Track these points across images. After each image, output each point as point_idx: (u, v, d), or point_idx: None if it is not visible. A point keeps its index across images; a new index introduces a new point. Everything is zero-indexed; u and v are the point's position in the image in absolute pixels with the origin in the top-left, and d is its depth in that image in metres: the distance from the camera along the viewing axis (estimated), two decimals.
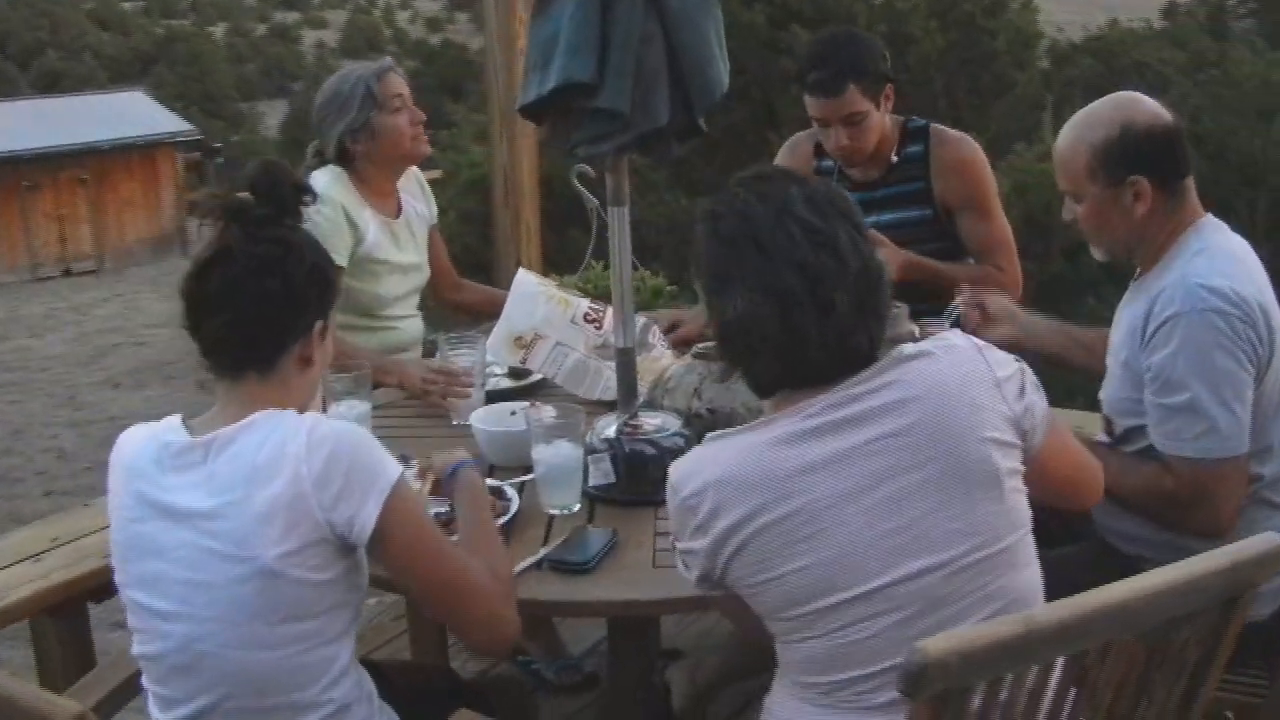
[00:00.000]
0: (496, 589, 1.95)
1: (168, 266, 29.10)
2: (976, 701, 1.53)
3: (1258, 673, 2.41)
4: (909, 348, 1.80)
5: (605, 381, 2.96)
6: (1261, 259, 2.44)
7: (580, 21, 2.38)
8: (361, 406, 2.74)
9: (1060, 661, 1.61)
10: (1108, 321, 2.66)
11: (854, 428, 1.73)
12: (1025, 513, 1.79)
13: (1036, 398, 1.84)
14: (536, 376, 3.15)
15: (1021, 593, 1.77)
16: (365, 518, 1.83)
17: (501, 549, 2.11)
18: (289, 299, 1.91)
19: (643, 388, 2.87)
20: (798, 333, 1.74)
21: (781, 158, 3.66)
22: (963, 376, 1.76)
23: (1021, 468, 1.79)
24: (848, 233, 1.78)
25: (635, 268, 4.17)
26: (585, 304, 3.07)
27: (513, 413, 2.76)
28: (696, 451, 1.84)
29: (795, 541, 1.71)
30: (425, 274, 3.67)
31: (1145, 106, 2.40)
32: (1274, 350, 2.33)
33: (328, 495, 1.80)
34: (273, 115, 52.35)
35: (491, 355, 3.04)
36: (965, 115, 5.44)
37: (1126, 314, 2.49)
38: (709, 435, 1.86)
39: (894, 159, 3.45)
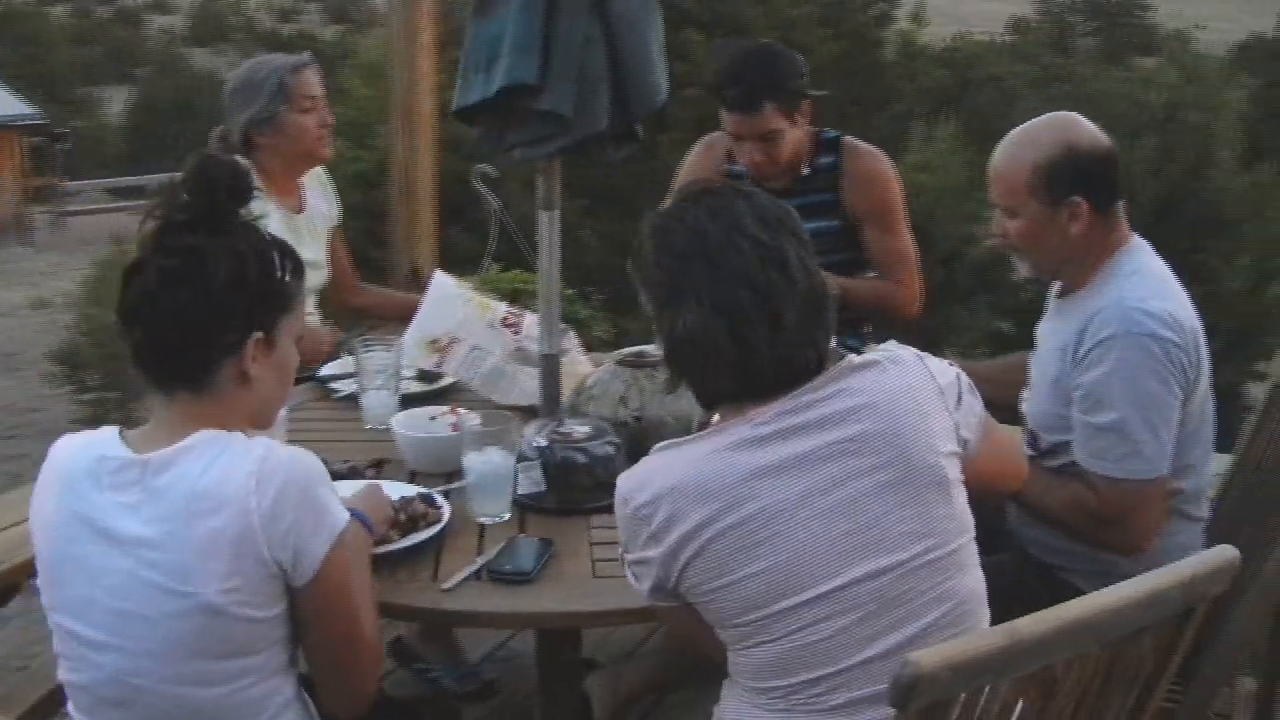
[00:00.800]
0: (377, 654, 1.90)
1: (4, 255, 27.91)
2: (955, 713, 1.54)
3: (1175, 683, 2.48)
4: (855, 358, 1.83)
5: (521, 386, 2.92)
6: None
7: (525, 23, 2.35)
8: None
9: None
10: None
11: (807, 434, 1.74)
12: (969, 518, 1.83)
13: (973, 400, 1.88)
14: (447, 380, 3.09)
15: (968, 595, 1.80)
16: (311, 560, 1.74)
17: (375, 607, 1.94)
18: (206, 312, 1.76)
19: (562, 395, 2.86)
20: (748, 347, 1.75)
21: (695, 157, 3.66)
22: (909, 386, 1.79)
23: (962, 475, 1.82)
24: (795, 250, 1.80)
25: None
26: (503, 308, 3.03)
27: (432, 418, 2.70)
28: (646, 462, 1.83)
29: (751, 546, 1.71)
30: (324, 274, 3.59)
31: (1085, 128, 2.46)
32: (1200, 372, 2.40)
33: (276, 532, 1.70)
34: (115, 101, 50.54)
35: (406, 357, 2.98)
36: (850, 125, 5.54)
37: (1053, 331, 2.54)
38: (657, 446, 1.85)
39: (805, 170, 3.47)
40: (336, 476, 2.43)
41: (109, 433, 1.81)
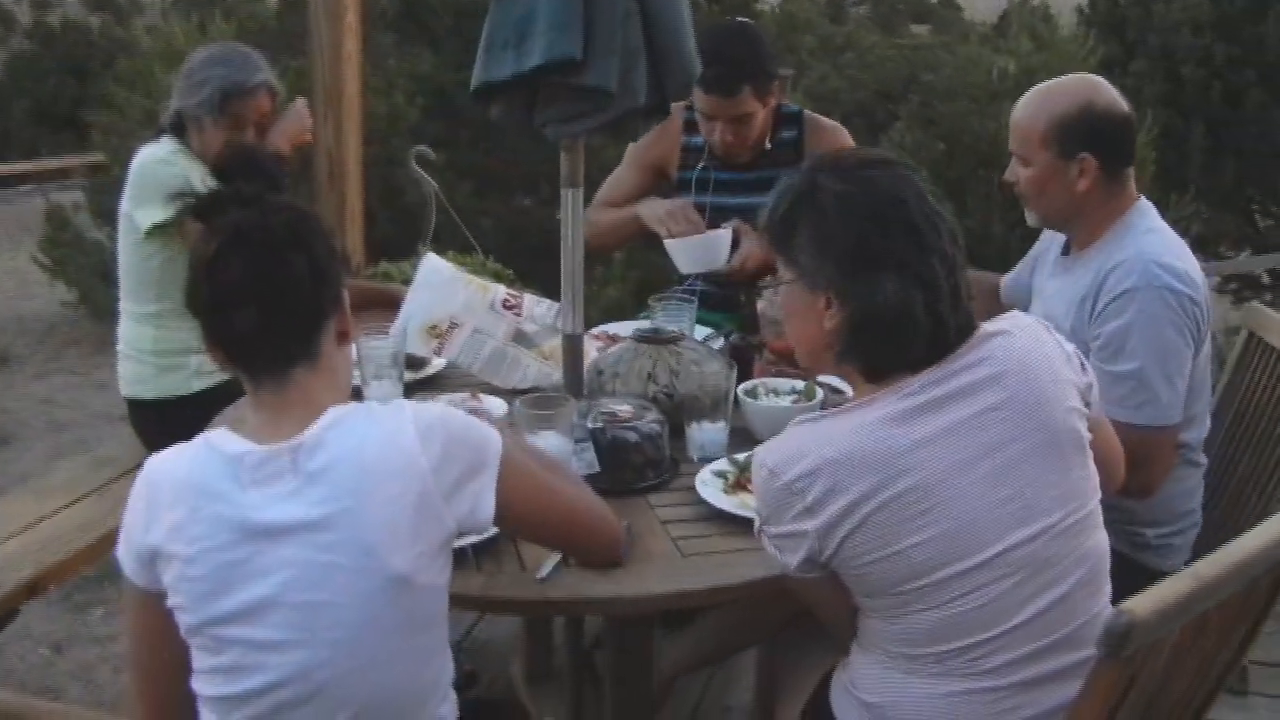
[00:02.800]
0: (599, 503, 2.02)
1: None
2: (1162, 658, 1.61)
3: None
4: (987, 326, 1.87)
5: (524, 369, 2.87)
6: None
7: None
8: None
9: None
10: None
11: (955, 403, 1.77)
12: (1097, 477, 1.88)
13: (1089, 369, 1.93)
14: (434, 367, 3.01)
15: (1102, 553, 1.88)
16: (485, 503, 1.74)
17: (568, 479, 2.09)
18: (317, 272, 1.72)
19: (552, 371, 2.82)
20: (938, 319, 1.78)
21: (651, 132, 3.64)
22: (1044, 353, 1.85)
23: (1089, 435, 1.87)
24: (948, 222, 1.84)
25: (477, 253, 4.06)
26: (502, 290, 2.96)
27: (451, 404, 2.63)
28: (792, 434, 1.82)
29: (913, 516, 1.74)
30: None
31: (1106, 91, 2.56)
32: (1207, 329, 2.53)
33: (446, 485, 1.68)
34: None
35: (409, 345, 2.87)
36: None
37: (1065, 286, 2.63)
38: (801, 418, 1.85)
39: (768, 145, 3.49)
40: None
41: (222, 434, 1.71)
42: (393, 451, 1.66)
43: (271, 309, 1.69)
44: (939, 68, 7.64)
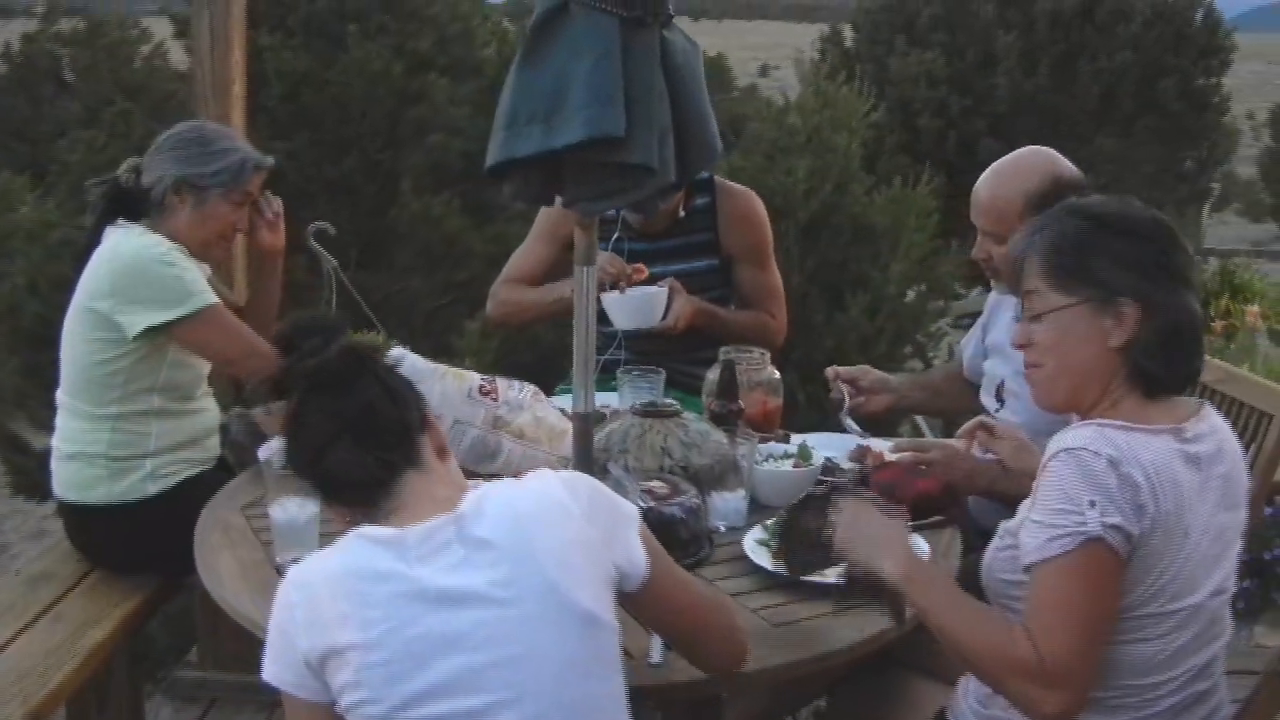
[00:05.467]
0: (730, 605, 2.00)
1: None
2: None
3: None
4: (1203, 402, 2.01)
5: (506, 454, 2.80)
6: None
7: (606, 72, 2.26)
8: (311, 506, 2.39)
9: None
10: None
11: (1209, 461, 1.90)
12: None
13: None
14: None
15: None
16: (638, 554, 1.76)
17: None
18: (389, 392, 1.80)
19: (534, 452, 2.78)
20: (1199, 339, 1.93)
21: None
22: (1234, 438, 2.01)
23: None
24: None
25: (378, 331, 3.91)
26: (476, 377, 2.88)
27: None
28: (1108, 434, 1.81)
29: (1171, 548, 1.82)
30: None
31: (1064, 162, 2.74)
32: None
33: (600, 530, 1.72)
34: None
35: None
36: None
37: None
38: (1100, 422, 1.86)
39: (681, 213, 3.53)
40: None
41: (369, 528, 1.70)
42: (547, 503, 1.71)
43: (360, 433, 1.74)
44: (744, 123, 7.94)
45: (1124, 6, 9.36)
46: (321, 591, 1.63)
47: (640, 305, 3.28)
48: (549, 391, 3.25)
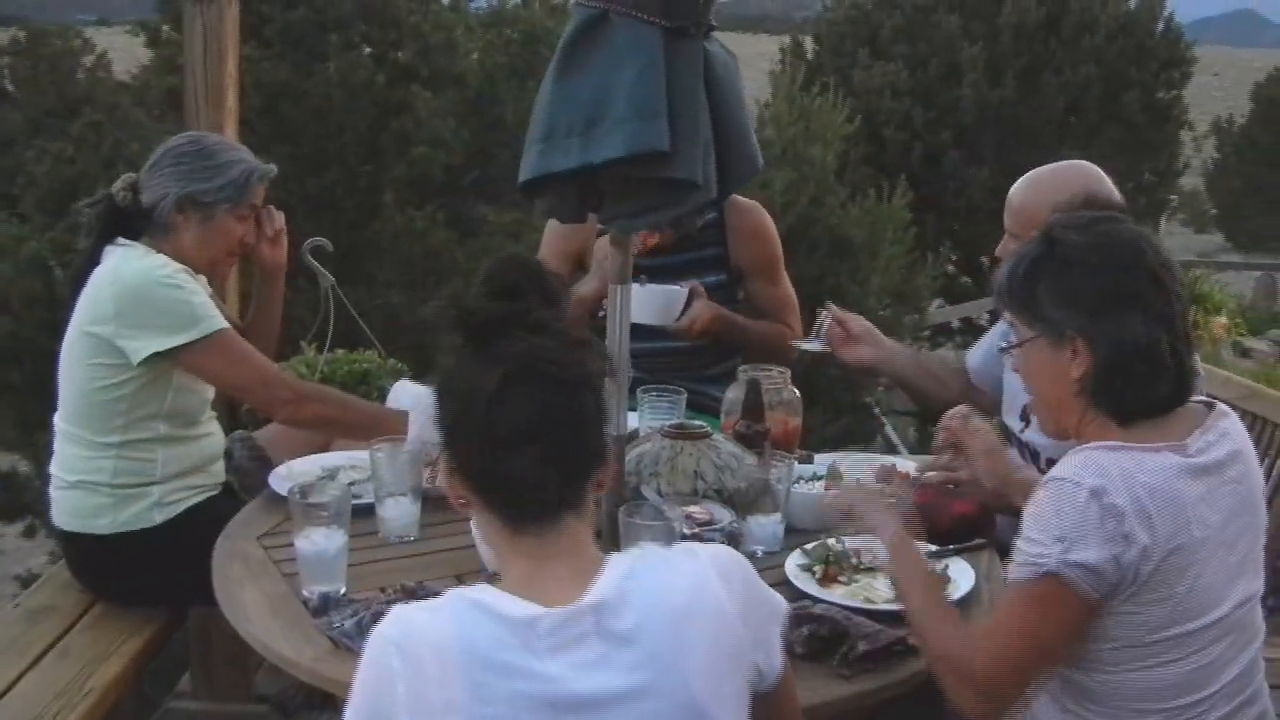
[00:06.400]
0: None
1: None
2: None
3: None
4: (1218, 405, 1.98)
5: None
6: None
7: (650, 84, 2.18)
8: (339, 537, 2.29)
9: None
10: None
11: (1219, 470, 1.87)
12: None
13: None
14: None
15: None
16: (777, 655, 1.60)
17: None
18: (600, 411, 1.57)
19: None
20: (1180, 361, 1.87)
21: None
22: (1251, 446, 1.99)
23: None
24: None
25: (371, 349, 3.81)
26: None
27: None
28: (1101, 458, 1.81)
29: (1187, 565, 1.80)
30: None
31: (1105, 181, 2.70)
32: None
33: (752, 631, 1.56)
34: None
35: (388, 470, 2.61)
36: None
37: None
38: (1103, 444, 1.84)
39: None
40: None
41: (490, 593, 1.49)
42: (701, 601, 1.51)
43: (555, 452, 1.52)
44: None
45: (1088, 19, 9.41)
46: (430, 668, 1.42)
47: (659, 300, 3.22)
48: None
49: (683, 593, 1.50)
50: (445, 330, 1.56)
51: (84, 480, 2.75)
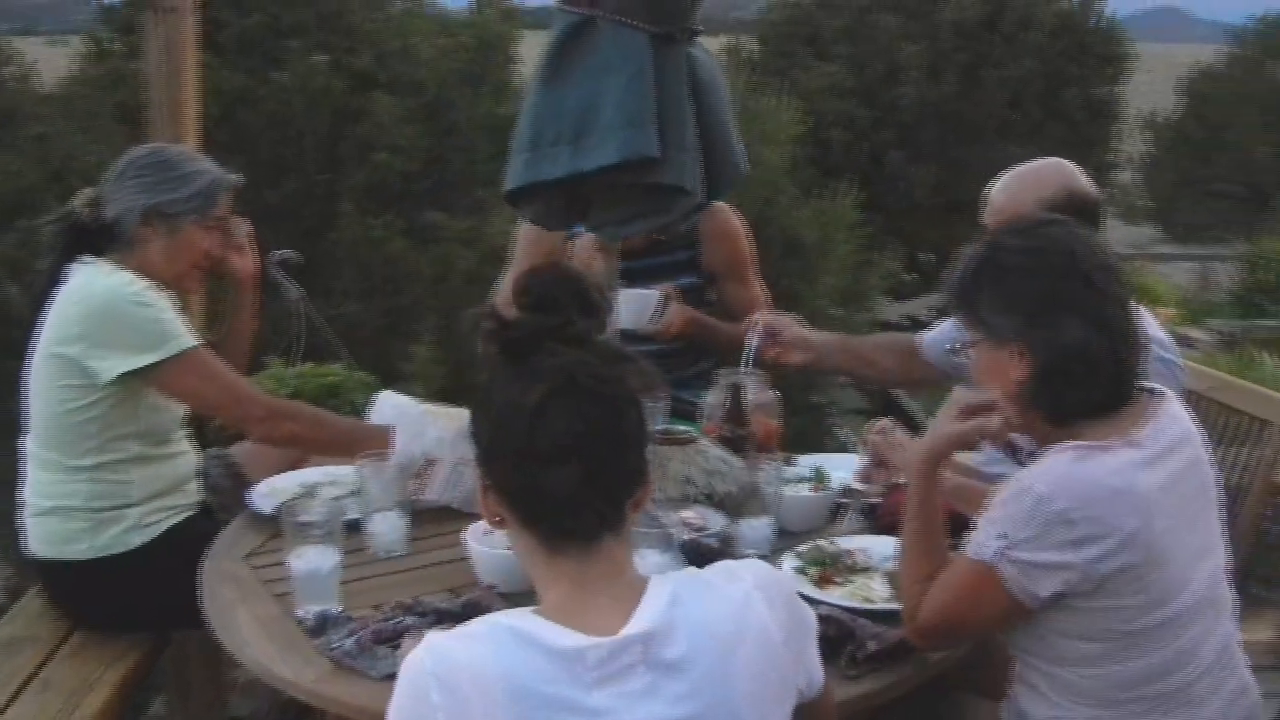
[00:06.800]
0: None
1: None
2: None
3: None
4: (1155, 388, 1.99)
5: None
6: None
7: (639, 91, 2.18)
8: (333, 555, 2.25)
9: None
10: None
11: (1172, 455, 1.91)
12: None
13: None
14: None
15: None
16: (818, 671, 1.60)
17: None
18: (643, 428, 1.53)
19: None
20: (1121, 362, 1.90)
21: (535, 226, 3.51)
22: (1189, 418, 2.03)
23: None
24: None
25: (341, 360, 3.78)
26: (468, 414, 2.75)
27: (487, 531, 2.42)
28: (1060, 462, 1.85)
29: (1158, 555, 1.84)
30: None
31: (1080, 177, 2.73)
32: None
33: (794, 653, 1.55)
34: None
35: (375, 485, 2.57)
36: None
37: None
38: (1064, 446, 1.86)
39: (660, 234, 3.44)
40: (455, 617, 2.14)
41: (532, 621, 1.45)
42: (748, 627, 1.48)
43: (598, 470, 1.48)
44: None
45: (1027, 16, 9.52)
46: (473, 702, 1.38)
47: (633, 305, 3.22)
48: None
49: (729, 620, 1.48)
50: (482, 343, 1.53)
51: (59, 505, 2.68)
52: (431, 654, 1.42)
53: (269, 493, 2.69)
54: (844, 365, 3.22)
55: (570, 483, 1.46)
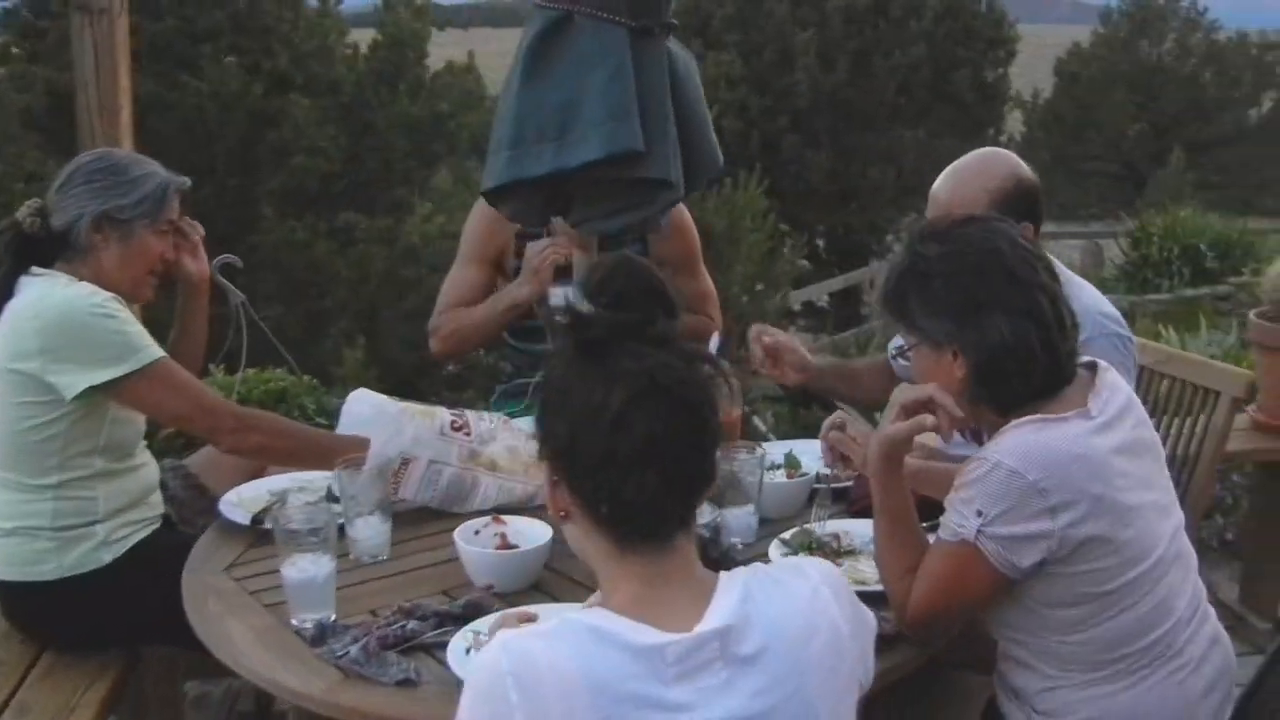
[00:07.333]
0: None
1: None
2: None
3: None
4: (1096, 362, 2.09)
5: (484, 491, 2.67)
6: None
7: (621, 85, 2.19)
8: (327, 563, 2.22)
9: None
10: None
11: (1120, 422, 1.98)
12: None
13: None
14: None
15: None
16: (871, 667, 1.60)
17: None
18: (719, 430, 1.50)
19: (510, 484, 2.67)
20: (1053, 348, 1.96)
21: (483, 221, 3.48)
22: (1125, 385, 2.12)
23: None
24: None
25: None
26: (446, 413, 2.73)
27: (476, 531, 2.41)
28: (1022, 436, 1.91)
29: (1124, 513, 1.91)
30: None
31: (1021, 163, 2.78)
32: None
33: (860, 647, 1.56)
34: None
35: (356, 489, 2.54)
36: None
37: None
38: (1021, 421, 1.93)
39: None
40: (457, 619, 2.13)
41: (609, 618, 1.44)
42: (820, 623, 1.50)
43: (677, 474, 1.46)
44: None
45: (915, 2, 9.71)
46: (552, 702, 1.36)
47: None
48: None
49: (800, 615, 1.49)
50: (557, 337, 1.49)
51: (21, 526, 2.59)
52: (508, 654, 1.40)
53: (238, 502, 2.64)
54: (834, 387, 3.24)
55: (649, 488, 1.45)
